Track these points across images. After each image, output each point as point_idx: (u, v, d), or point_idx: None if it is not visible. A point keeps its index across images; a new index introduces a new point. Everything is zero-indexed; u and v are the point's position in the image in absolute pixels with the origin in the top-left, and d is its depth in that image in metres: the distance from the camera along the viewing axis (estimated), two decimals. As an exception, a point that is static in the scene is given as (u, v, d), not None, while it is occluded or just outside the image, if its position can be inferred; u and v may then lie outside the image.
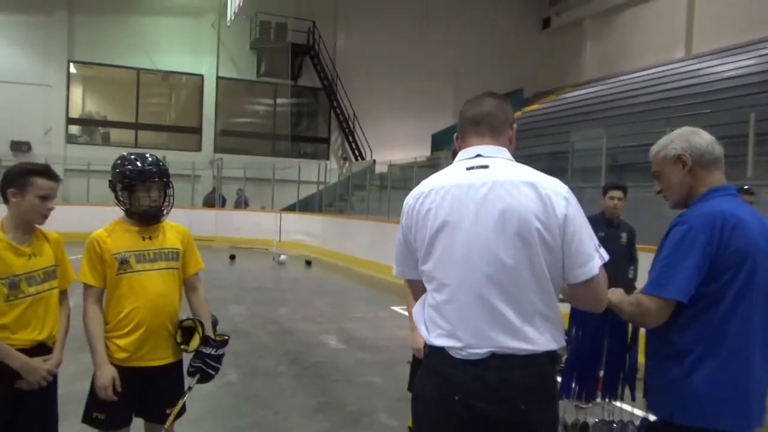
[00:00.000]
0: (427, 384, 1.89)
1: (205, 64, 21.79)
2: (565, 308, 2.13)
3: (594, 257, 1.79)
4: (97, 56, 20.64)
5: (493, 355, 1.76)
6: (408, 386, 3.27)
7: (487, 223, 1.77)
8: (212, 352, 2.83)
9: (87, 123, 22.00)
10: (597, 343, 2.37)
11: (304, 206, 19.74)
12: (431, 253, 1.86)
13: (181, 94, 23.31)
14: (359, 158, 22.61)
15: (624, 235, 5.10)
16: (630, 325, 2.35)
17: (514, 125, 1.98)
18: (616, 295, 2.09)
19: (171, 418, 2.73)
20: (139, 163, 2.72)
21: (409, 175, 15.57)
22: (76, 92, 21.61)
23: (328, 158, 22.83)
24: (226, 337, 2.91)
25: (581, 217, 1.80)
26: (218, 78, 21.86)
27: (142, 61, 21.10)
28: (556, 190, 1.79)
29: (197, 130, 22.07)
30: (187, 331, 2.82)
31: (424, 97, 23.28)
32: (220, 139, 22.02)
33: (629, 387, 2.40)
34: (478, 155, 1.89)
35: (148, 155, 2.80)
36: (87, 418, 2.70)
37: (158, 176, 2.73)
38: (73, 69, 20.89)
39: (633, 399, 2.43)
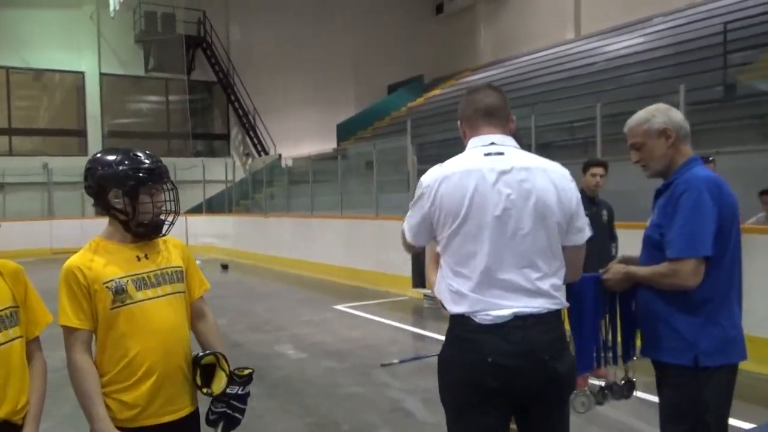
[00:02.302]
0: (455, 352, 2.02)
1: (86, 60, 19.97)
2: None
3: (585, 229, 2.10)
4: (-44, 55, 18.33)
5: (515, 316, 1.94)
6: None
7: (511, 202, 1.97)
8: (238, 392, 2.27)
9: (-53, 131, 19.54)
10: (594, 320, 2.46)
11: (209, 207, 18.63)
12: (459, 230, 2.00)
13: (59, 93, 21.20)
14: (262, 153, 21.71)
15: (605, 213, 4.96)
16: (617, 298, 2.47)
17: (514, 118, 2.18)
18: (643, 270, 2.30)
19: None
20: (145, 161, 2.11)
21: (327, 168, 15.01)
22: (-68, 96, 19.13)
23: (228, 155, 21.72)
24: (250, 371, 2.35)
25: (580, 196, 2.11)
26: (101, 75, 20.12)
27: (12, 59, 19.00)
28: (564, 174, 2.06)
29: (82, 133, 20.23)
30: (206, 369, 2.24)
31: (325, 88, 22.70)
32: (109, 141, 20.21)
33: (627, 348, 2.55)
34: (492, 143, 2.09)
35: (138, 151, 2.19)
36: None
37: (167, 176, 2.14)
38: (-74, 70, 18.47)
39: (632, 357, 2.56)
